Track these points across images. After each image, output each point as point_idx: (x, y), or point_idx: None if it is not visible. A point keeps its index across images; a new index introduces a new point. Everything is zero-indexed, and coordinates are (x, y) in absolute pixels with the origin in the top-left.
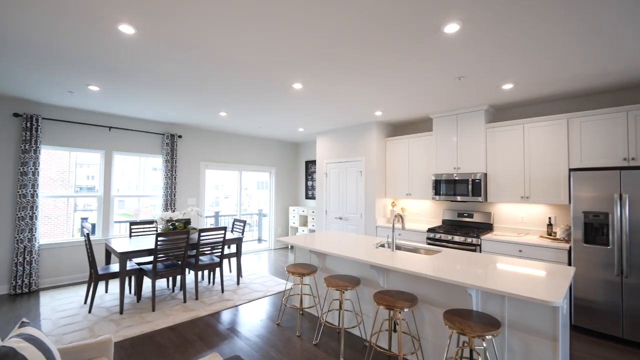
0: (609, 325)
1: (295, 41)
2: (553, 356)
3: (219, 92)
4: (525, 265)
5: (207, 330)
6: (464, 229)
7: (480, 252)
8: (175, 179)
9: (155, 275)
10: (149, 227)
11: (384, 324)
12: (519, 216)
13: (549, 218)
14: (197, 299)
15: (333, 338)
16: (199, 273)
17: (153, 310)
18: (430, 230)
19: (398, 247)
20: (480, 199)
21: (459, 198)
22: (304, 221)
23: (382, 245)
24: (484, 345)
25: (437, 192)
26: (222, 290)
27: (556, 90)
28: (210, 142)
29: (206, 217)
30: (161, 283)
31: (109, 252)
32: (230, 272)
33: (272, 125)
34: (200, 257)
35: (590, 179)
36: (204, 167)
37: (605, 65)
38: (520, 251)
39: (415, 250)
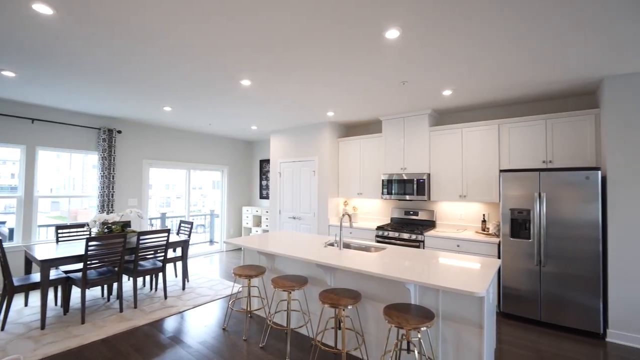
0: (530, 310)
1: (242, 39)
2: (479, 342)
3: (161, 85)
4: (460, 259)
5: (145, 341)
6: (410, 227)
7: (423, 247)
8: (113, 178)
9: (85, 284)
10: (81, 231)
11: (330, 322)
12: (458, 213)
13: (483, 215)
14: (135, 307)
15: (281, 339)
16: (140, 279)
17: (82, 322)
18: (379, 228)
19: (347, 246)
20: (424, 197)
21: (406, 197)
22: (257, 221)
23: (331, 244)
24: (419, 336)
25: (386, 191)
26: (165, 297)
27: (490, 98)
28: (154, 138)
29: (152, 218)
30: (95, 292)
31: (29, 260)
32: (176, 276)
33: (223, 122)
34: (141, 262)
35: (516, 179)
36: (147, 166)
37: (530, 76)
38: (458, 246)
39: (363, 248)
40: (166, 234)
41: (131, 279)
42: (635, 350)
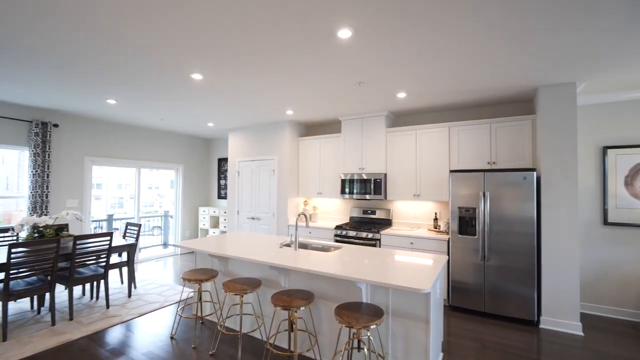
0: (476, 302)
1: (192, 32)
2: (425, 337)
3: (103, 76)
4: (412, 256)
5: (80, 356)
6: (368, 225)
7: (380, 246)
8: (48, 177)
9: (7, 295)
10: (7, 237)
11: (283, 324)
12: (412, 212)
13: (435, 213)
14: (71, 319)
15: (233, 345)
16: (79, 288)
17: (4, 339)
18: (337, 227)
19: (305, 246)
20: (381, 197)
21: (365, 196)
22: (215, 222)
23: (288, 245)
24: (368, 334)
25: (345, 191)
26: (107, 306)
27: (441, 102)
28: (98, 133)
29: (97, 220)
30: (23, 304)
31: None
32: (122, 283)
33: (176, 118)
34: (80, 269)
35: (464, 179)
36: (89, 163)
37: (475, 83)
38: (411, 243)
39: (320, 248)
40: (108, 238)
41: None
42: (563, 334)
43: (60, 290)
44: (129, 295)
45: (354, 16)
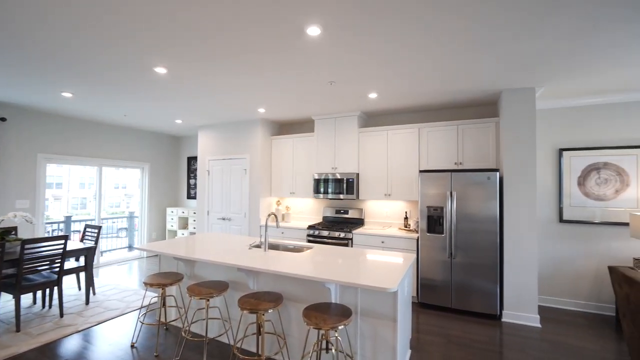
0: (443, 299)
1: (152, 24)
2: (393, 335)
3: (56, 66)
4: (381, 256)
5: None
6: (340, 225)
7: (352, 245)
8: None
9: None
10: None
11: (252, 328)
12: (384, 211)
13: (406, 212)
14: (18, 330)
15: (199, 350)
16: (29, 296)
17: None
18: (310, 227)
19: (275, 247)
20: (353, 196)
21: (338, 196)
22: (184, 223)
23: (258, 246)
24: (336, 335)
25: (318, 190)
26: (61, 314)
27: (412, 104)
28: (53, 129)
29: (53, 222)
30: None
31: None
32: (80, 289)
33: (141, 114)
34: (30, 276)
35: (433, 179)
36: (43, 161)
37: (443, 86)
38: (382, 242)
39: (291, 248)
40: (62, 241)
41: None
42: (523, 327)
43: (7, 300)
44: (87, 302)
45: (322, 13)
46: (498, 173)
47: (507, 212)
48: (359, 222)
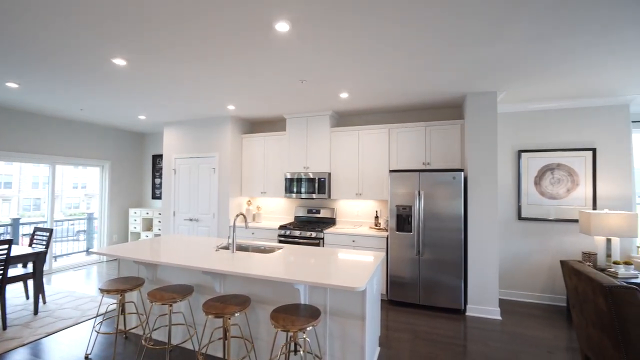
0: (411, 296)
1: (109, 11)
2: (361, 334)
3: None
4: (352, 255)
5: None
6: (312, 225)
7: (324, 245)
8: None
9: None
10: None
11: (217, 332)
12: (355, 211)
13: (376, 211)
14: None
15: (161, 358)
16: None
17: None
18: (281, 227)
19: (244, 248)
20: (325, 196)
21: (310, 196)
22: (148, 225)
23: (226, 248)
24: (304, 336)
25: (290, 190)
26: (4, 327)
27: (382, 104)
28: None
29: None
30: None
31: None
32: (28, 298)
33: (100, 108)
34: None
35: (402, 178)
36: None
37: (412, 88)
38: (353, 241)
39: (260, 249)
40: (5, 246)
41: None
42: (485, 320)
43: None
44: (35, 312)
45: (290, 10)
46: (463, 173)
47: (471, 211)
48: (330, 222)
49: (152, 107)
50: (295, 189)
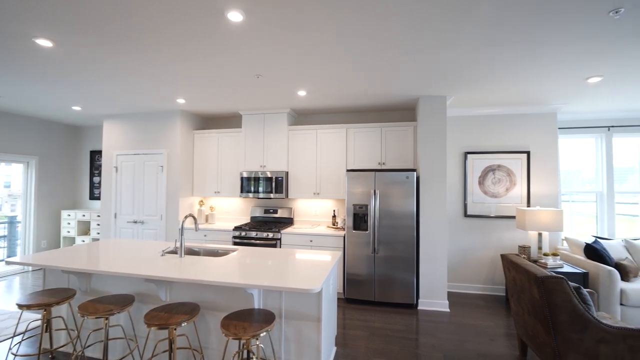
0: (367, 293)
1: None
2: (317, 335)
3: None
4: (309, 255)
5: None
6: (269, 225)
7: (280, 245)
8: None
9: None
10: None
11: (162, 345)
12: (313, 210)
13: (334, 210)
14: None
15: None
16: None
17: None
18: (236, 228)
19: (195, 252)
20: (282, 195)
21: (268, 195)
22: (85, 229)
23: (173, 252)
24: (257, 343)
25: (246, 189)
26: None
27: (341, 104)
28: None
29: None
30: None
31: None
32: None
33: (23, 96)
34: None
35: (358, 178)
36: None
37: (369, 89)
38: (311, 241)
39: (213, 252)
40: None
41: None
42: (435, 313)
43: None
44: None
45: None
46: (415, 173)
47: (422, 209)
48: (288, 222)
49: (88, 97)
50: (251, 189)
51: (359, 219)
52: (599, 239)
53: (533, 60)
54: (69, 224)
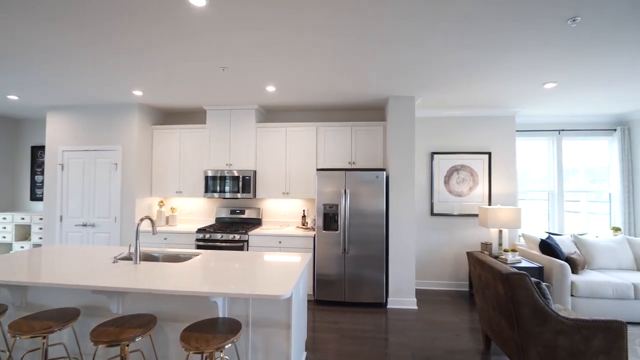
0: (338, 294)
1: None
2: (287, 343)
3: None
4: (278, 257)
5: None
6: (235, 226)
7: (248, 248)
8: None
9: None
10: None
11: None
12: (282, 210)
13: (304, 210)
14: None
15: None
16: None
17: None
18: (200, 230)
19: (154, 257)
20: (250, 195)
21: (234, 195)
22: (24, 233)
23: (127, 258)
24: (221, 355)
25: (211, 189)
26: None
27: (311, 102)
28: None
29: None
30: None
31: None
32: None
33: None
34: None
35: (329, 177)
36: None
37: (340, 88)
38: (280, 242)
39: (173, 257)
40: None
41: None
42: (403, 310)
43: None
44: None
45: None
46: (385, 172)
47: (392, 208)
48: (256, 223)
49: (26, 85)
50: (217, 188)
51: (330, 218)
52: (551, 235)
53: (498, 64)
54: (4, 228)
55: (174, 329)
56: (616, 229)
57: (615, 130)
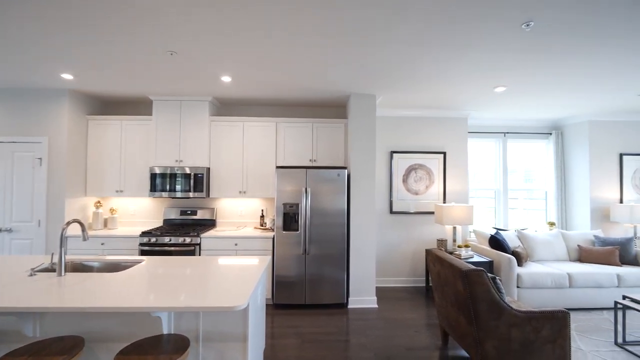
0: (298, 297)
1: None
2: (243, 357)
3: None
4: (234, 260)
5: None
6: (186, 228)
7: (200, 253)
8: None
9: None
10: None
11: None
12: (238, 210)
13: (262, 210)
14: None
15: None
16: None
17: None
18: (144, 233)
19: (86, 267)
20: (203, 195)
21: (185, 194)
22: None
23: (50, 269)
24: None
25: (158, 187)
26: None
27: (271, 95)
28: None
29: None
30: None
31: None
32: None
33: None
34: None
35: (289, 175)
36: None
37: (301, 83)
38: (236, 245)
39: (110, 266)
40: None
41: None
42: (364, 310)
43: None
44: None
45: None
46: (346, 170)
47: (353, 206)
48: (210, 224)
49: None
50: (165, 187)
51: (290, 218)
52: (499, 230)
53: (456, 66)
54: None
55: (109, 351)
56: (551, 224)
57: (551, 134)
